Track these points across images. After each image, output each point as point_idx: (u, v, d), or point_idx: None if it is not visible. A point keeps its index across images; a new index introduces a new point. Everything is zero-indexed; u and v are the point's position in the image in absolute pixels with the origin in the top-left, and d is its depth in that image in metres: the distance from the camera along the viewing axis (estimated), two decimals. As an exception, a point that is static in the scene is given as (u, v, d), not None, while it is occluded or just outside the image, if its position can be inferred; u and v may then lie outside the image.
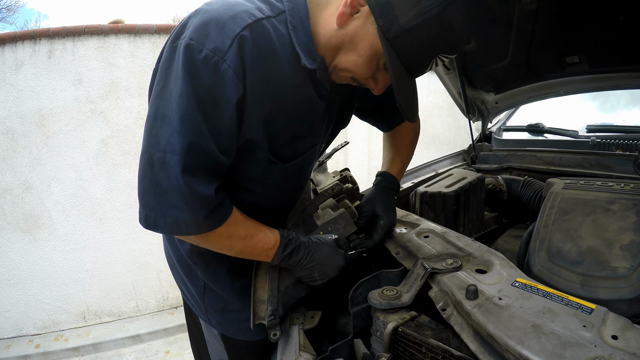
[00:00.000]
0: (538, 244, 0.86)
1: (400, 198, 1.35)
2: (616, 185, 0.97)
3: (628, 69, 1.27)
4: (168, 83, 0.65)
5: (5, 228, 2.81)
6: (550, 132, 1.74)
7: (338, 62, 0.75)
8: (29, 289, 2.89)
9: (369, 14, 0.68)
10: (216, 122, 0.66)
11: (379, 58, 0.73)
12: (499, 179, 1.41)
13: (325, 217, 0.95)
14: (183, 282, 1.01)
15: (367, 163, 4.14)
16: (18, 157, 2.79)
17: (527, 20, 1.22)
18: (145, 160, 0.67)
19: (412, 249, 0.84)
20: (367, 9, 0.68)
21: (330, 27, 0.72)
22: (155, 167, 0.66)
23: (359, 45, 0.71)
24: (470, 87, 1.69)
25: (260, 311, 0.86)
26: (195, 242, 0.79)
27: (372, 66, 0.74)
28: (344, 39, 0.71)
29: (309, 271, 0.84)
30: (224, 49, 0.63)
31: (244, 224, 0.79)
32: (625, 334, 0.49)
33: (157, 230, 0.70)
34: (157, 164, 0.65)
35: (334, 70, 0.77)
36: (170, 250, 1.01)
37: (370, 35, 0.70)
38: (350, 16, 0.70)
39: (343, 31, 0.71)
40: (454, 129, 4.94)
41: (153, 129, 0.66)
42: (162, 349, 2.81)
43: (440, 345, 0.61)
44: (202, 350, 1.13)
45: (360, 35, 0.70)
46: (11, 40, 2.73)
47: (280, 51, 0.69)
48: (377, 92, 0.81)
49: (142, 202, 0.70)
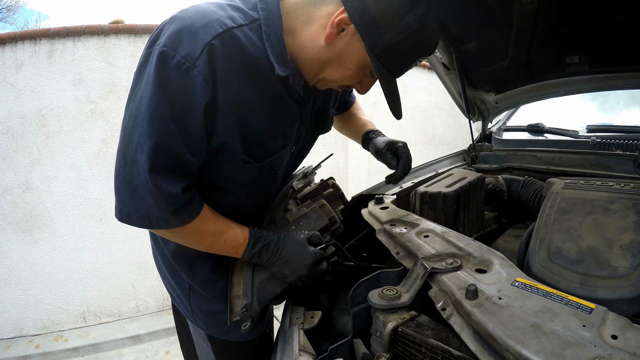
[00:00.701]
0: (538, 244, 0.86)
1: (400, 198, 1.35)
2: (616, 185, 0.96)
3: (628, 69, 1.27)
4: (140, 86, 0.69)
5: (5, 228, 2.81)
6: (550, 132, 1.74)
7: (327, 75, 0.81)
8: (29, 289, 2.89)
9: (354, 32, 0.74)
10: (185, 124, 0.69)
11: (365, 68, 0.80)
12: (499, 178, 1.41)
13: (297, 213, 0.97)
14: (170, 284, 1.02)
15: (367, 163, 4.14)
16: (18, 157, 2.79)
17: (527, 20, 1.22)
18: (120, 158, 0.71)
19: (412, 248, 0.84)
20: (352, 27, 0.73)
21: (316, 44, 0.76)
22: (128, 164, 0.70)
23: (347, 60, 0.77)
24: (470, 87, 1.69)
25: (236, 306, 0.87)
26: (166, 236, 0.85)
27: (359, 75, 0.82)
28: (332, 55, 0.77)
29: (280, 268, 0.87)
30: (195, 55, 0.66)
31: (213, 221, 0.82)
32: (625, 334, 0.49)
33: (130, 223, 0.74)
34: (130, 162, 0.70)
35: (321, 81, 0.83)
36: (157, 252, 1.02)
37: (358, 51, 0.76)
38: (336, 35, 0.74)
39: (331, 48, 0.76)
40: (454, 129, 4.94)
41: (127, 128, 0.70)
42: (162, 349, 2.81)
43: (440, 345, 0.61)
44: (191, 351, 1.14)
45: (348, 52, 0.76)
46: (11, 40, 2.73)
47: (251, 58, 0.73)
48: (362, 93, 0.91)
49: (117, 196, 0.74)
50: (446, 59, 1.55)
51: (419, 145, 4.62)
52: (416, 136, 4.60)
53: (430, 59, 1.59)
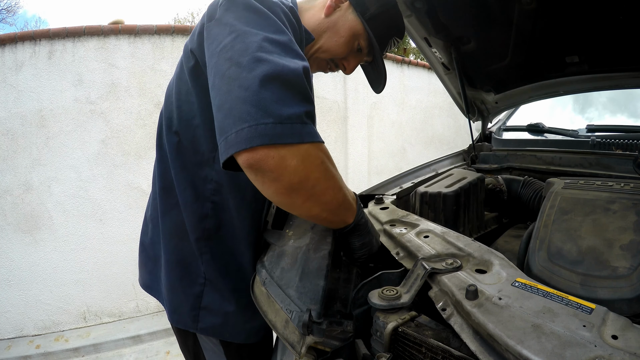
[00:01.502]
0: (538, 244, 0.86)
1: (400, 198, 1.35)
2: (616, 185, 0.97)
3: (628, 69, 1.27)
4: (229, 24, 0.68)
5: (5, 229, 2.81)
6: (550, 132, 1.74)
7: (323, 43, 0.95)
8: (29, 290, 2.89)
9: (348, 6, 0.95)
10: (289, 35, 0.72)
11: (355, 40, 0.96)
12: (499, 178, 1.41)
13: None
14: (173, 289, 0.94)
15: (367, 163, 4.15)
16: (18, 157, 2.80)
17: (527, 20, 1.22)
18: (232, 73, 0.61)
19: (412, 249, 0.84)
20: (347, 4, 0.95)
21: (317, 18, 0.95)
22: (247, 67, 0.60)
23: (341, 28, 0.95)
24: (470, 87, 1.69)
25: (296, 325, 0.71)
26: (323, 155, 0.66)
27: (349, 46, 0.97)
28: (329, 24, 0.94)
29: (371, 237, 0.86)
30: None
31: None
32: (625, 334, 0.49)
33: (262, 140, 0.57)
34: (252, 64, 0.60)
35: (317, 53, 0.95)
36: (168, 251, 0.94)
37: (350, 21, 0.95)
38: (334, 9, 0.95)
39: (329, 19, 0.95)
40: (454, 129, 4.95)
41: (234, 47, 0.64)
42: (162, 349, 2.81)
43: (440, 345, 0.61)
44: None
45: (342, 22, 0.95)
46: (11, 41, 2.74)
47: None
48: (348, 73, 1.03)
49: (238, 120, 0.58)
50: (446, 59, 1.55)
51: (419, 145, 4.62)
52: (416, 136, 4.61)
53: (430, 59, 1.59)
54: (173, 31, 3.07)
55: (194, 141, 0.85)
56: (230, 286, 0.93)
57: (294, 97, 0.61)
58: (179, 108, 0.86)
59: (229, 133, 0.59)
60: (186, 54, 0.83)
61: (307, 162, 0.62)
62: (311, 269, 0.77)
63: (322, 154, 0.65)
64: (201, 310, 0.93)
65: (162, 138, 0.92)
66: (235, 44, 0.64)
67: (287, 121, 0.58)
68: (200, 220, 0.89)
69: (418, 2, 1.30)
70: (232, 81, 0.60)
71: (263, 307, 0.81)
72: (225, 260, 0.92)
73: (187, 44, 0.83)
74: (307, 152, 0.62)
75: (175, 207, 0.91)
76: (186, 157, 0.87)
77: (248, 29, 0.66)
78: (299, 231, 0.90)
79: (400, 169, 3.40)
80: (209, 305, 0.93)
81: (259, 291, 0.85)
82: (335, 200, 0.72)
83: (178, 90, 0.86)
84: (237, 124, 0.58)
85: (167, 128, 0.89)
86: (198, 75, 0.80)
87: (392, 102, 4.37)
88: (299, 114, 0.60)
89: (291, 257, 0.82)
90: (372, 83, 1.11)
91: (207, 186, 0.87)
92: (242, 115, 0.58)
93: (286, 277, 0.79)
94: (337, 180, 0.71)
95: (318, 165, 0.64)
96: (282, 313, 0.73)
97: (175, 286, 0.95)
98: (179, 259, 0.94)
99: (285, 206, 0.70)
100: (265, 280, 0.82)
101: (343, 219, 0.79)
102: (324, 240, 0.83)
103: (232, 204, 0.89)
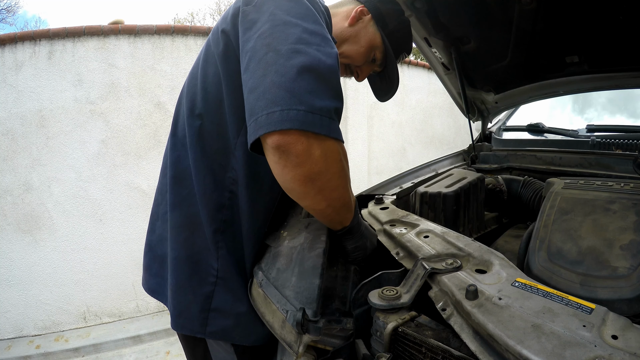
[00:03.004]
0: (538, 244, 0.86)
1: (400, 198, 1.34)
2: (616, 185, 0.97)
3: (628, 69, 1.27)
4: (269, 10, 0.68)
5: (5, 229, 2.81)
6: (550, 132, 1.74)
7: (345, 49, 1.01)
8: (29, 290, 2.89)
9: (369, 20, 1.03)
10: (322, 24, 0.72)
11: (372, 51, 1.04)
12: (499, 179, 1.41)
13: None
14: (182, 289, 0.88)
15: (367, 163, 4.15)
16: (18, 157, 2.80)
17: (527, 20, 1.22)
18: (270, 59, 0.62)
19: (412, 249, 0.84)
20: (369, 17, 1.03)
21: (341, 26, 1.01)
22: (285, 55, 0.61)
23: (362, 39, 1.02)
24: (470, 87, 1.69)
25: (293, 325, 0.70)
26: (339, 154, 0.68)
27: (366, 56, 1.04)
28: (352, 33, 1.01)
29: (364, 240, 0.88)
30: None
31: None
32: (625, 334, 0.49)
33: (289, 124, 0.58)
34: (290, 53, 0.61)
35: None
36: (176, 246, 0.89)
37: (371, 34, 1.03)
38: (357, 20, 1.01)
39: (352, 29, 1.01)
40: (454, 129, 4.95)
41: (273, 34, 0.65)
42: (162, 349, 2.81)
43: (440, 345, 0.61)
44: None
45: (364, 33, 1.02)
46: (11, 41, 2.74)
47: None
48: (360, 80, 1.12)
49: (265, 102, 0.60)
50: (446, 59, 1.55)
51: (419, 145, 4.62)
52: (416, 136, 4.61)
53: (430, 59, 1.59)
54: (173, 31, 3.06)
55: (220, 124, 0.83)
56: (244, 284, 0.89)
57: (327, 92, 0.62)
58: (205, 90, 0.83)
59: (260, 115, 0.59)
60: (215, 36, 0.81)
61: (329, 156, 0.64)
62: (306, 268, 0.77)
63: (342, 152, 0.69)
64: (211, 312, 0.88)
65: (177, 124, 0.91)
66: (274, 32, 0.64)
67: (318, 112, 0.60)
68: (218, 211, 0.86)
69: (418, 2, 1.30)
70: (269, 66, 0.61)
71: (261, 308, 0.81)
72: (238, 255, 0.89)
73: (218, 26, 0.82)
74: (331, 146, 0.64)
75: (187, 199, 0.87)
76: (208, 142, 0.84)
77: (288, 18, 0.66)
78: (293, 231, 0.90)
79: (400, 169, 3.40)
80: (219, 306, 0.88)
81: (256, 293, 0.84)
82: (342, 199, 0.75)
83: (204, 72, 0.84)
84: (270, 106, 0.59)
85: (189, 111, 0.86)
86: (228, 57, 0.78)
87: (392, 102, 4.37)
88: (330, 108, 0.62)
89: (286, 257, 0.82)
90: (377, 92, 1.19)
91: (228, 174, 0.85)
92: (275, 99, 0.59)
93: (282, 277, 0.79)
94: (347, 181, 0.75)
95: (337, 161, 0.67)
96: (278, 313, 0.73)
97: (183, 286, 0.89)
98: (188, 254, 0.88)
99: (297, 194, 0.70)
100: (262, 282, 0.81)
101: (342, 219, 0.81)
102: (318, 239, 0.83)
103: (246, 197, 0.86)
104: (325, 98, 0.61)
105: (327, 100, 0.61)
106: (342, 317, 0.72)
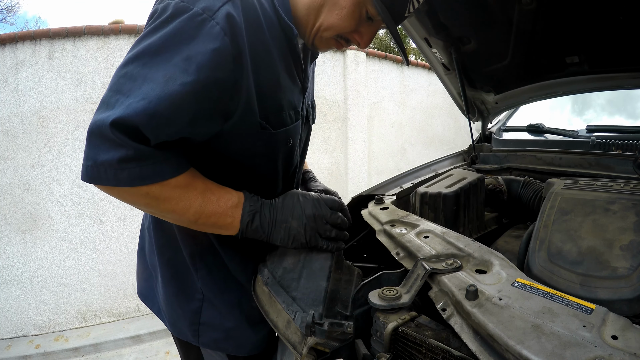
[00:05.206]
0: (538, 244, 0.86)
1: (400, 198, 1.34)
2: (616, 185, 0.97)
3: (628, 69, 1.27)
4: (149, 39, 0.66)
5: (5, 228, 2.81)
6: (550, 132, 1.74)
7: (323, 20, 0.79)
8: (29, 289, 2.89)
9: None
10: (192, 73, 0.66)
11: (360, 8, 0.77)
12: (499, 179, 1.41)
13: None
14: (171, 304, 0.93)
15: (367, 163, 4.15)
16: (18, 157, 2.80)
17: (527, 20, 1.22)
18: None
19: (412, 249, 0.84)
20: None
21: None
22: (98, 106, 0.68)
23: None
24: (470, 87, 1.69)
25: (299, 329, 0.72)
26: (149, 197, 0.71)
27: (356, 17, 0.78)
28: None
29: (286, 227, 0.78)
30: (214, 9, 0.65)
31: (203, 179, 0.75)
32: (625, 334, 0.49)
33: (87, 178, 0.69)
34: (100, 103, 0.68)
35: (319, 32, 0.81)
36: (163, 263, 0.93)
37: None
38: None
39: None
40: (454, 129, 4.95)
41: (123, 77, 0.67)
42: (162, 349, 2.81)
43: (440, 345, 0.61)
44: None
45: None
46: (11, 41, 2.74)
47: (263, 23, 0.74)
48: (364, 46, 0.85)
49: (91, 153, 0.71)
50: (446, 59, 1.55)
51: (419, 146, 4.62)
52: (416, 136, 4.61)
53: (431, 59, 1.59)
54: (173, 31, 3.06)
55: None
56: (228, 303, 0.90)
57: (103, 145, 0.66)
58: None
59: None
60: None
61: (129, 197, 0.72)
62: (314, 270, 0.77)
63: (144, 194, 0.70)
64: (201, 325, 0.90)
65: None
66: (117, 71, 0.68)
67: (101, 166, 0.66)
68: (190, 235, 0.86)
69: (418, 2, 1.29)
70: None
71: (265, 306, 0.81)
72: (222, 274, 0.90)
73: None
74: (125, 191, 0.70)
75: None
76: None
77: (127, 56, 0.67)
78: None
79: (400, 169, 3.40)
80: (208, 321, 0.90)
81: (261, 290, 0.85)
82: (184, 221, 0.75)
83: None
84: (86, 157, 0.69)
85: None
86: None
87: (392, 102, 4.37)
88: (112, 160, 0.65)
89: (294, 257, 0.82)
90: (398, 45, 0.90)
91: None
92: (85, 151, 0.69)
93: (288, 277, 0.79)
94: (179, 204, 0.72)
95: (142, 196, 0.71)
96: (284, 313, 0.73)
97: (172, 302, 0.92)
98: (172, 273, 0.91)
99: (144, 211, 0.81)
100: (268, 280, 0.82)
101: (221, 229, 0.78)
102: None
103: None
104: (108, 150, 0.65)
105: (112, 151, 0.65)
106: (343, 320, 0.72)
